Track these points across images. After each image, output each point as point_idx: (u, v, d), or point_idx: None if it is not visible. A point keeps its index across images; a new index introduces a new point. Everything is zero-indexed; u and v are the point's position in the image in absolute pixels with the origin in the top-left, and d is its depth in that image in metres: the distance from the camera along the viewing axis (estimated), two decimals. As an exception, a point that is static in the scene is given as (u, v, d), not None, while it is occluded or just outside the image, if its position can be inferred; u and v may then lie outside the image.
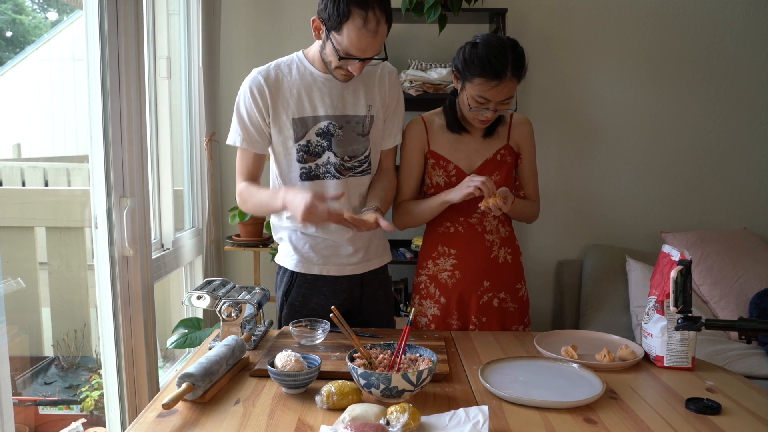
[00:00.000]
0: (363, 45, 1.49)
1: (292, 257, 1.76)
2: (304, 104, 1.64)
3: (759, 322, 1.22)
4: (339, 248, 1.74)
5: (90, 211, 1.78)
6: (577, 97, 3.02)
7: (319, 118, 1.64)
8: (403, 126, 1.82)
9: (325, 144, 1.66)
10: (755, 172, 3.05)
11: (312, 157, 1.66)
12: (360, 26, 1.46)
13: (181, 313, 2.65)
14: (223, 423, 1.15)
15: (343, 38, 1.48)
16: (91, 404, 2.34)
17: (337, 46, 1.50)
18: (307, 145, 1.65)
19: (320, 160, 1.67)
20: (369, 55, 1.52)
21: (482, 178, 1.63)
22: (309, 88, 1.64)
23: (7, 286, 2.24)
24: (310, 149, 1.66)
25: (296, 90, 1.63)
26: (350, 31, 1.47)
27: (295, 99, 1.63)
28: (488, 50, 1.60)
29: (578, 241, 3.11)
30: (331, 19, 1.48)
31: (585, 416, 1.19)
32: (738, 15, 2.96)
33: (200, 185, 2.69)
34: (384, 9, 1.49)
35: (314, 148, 1.66)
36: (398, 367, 1.28)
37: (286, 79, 1.63)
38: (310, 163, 1.66)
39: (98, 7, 1.69)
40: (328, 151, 1.67)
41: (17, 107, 4.06)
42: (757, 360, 2.34)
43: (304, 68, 1.65)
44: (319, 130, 1.65)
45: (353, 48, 1.49)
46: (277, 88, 1.63)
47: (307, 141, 1.65)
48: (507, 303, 1.82)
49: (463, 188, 1.66)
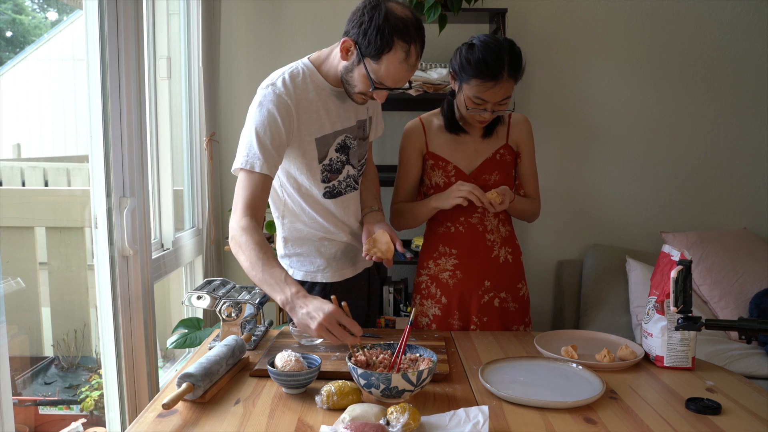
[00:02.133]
0: (399, 77, 1.45)
1: (321, 270, 1.70)
2: (324, 123, 1.57)
3: (759, 322, 1.22)
4: (357, 248, 1.73)
5: (90, 211, 1.78)
6: (577, 97, 3.02)
7: (337, 134, 1.60)
8: (382, 116, 1.81)
9: (344, 159, 1.63)
10: (755, 172, 3.05)
11: (334, 174, 1.62)
12: (401, 60, 1.42)
13: (181, 313, 2.65)
14: (223, 423, 1.15)
15: (380, 68, 1.43)
16: (91, 404, 2.34)
17: (372, 74, 1.44)
18: (330, 164, 1.60)
19: (341, 176, 1.63)
20: (400, 86, 1.49)
21: (469, 187, 1.65)
22: (326, 104, 1.57)
23: (7, 286, 2.24)
24: (332, 167, 1.61)
25: (315, 108, 1.55)
26: (390, 63, 1.42)
27: (315, 118, 1.55)
28: (484, 51, 1.60)
29: (578, 241, 3.11)
30: (370, 46, 1.41)
31: (585, 416, 1.19)
32: (738, 15, 2.96)
33: (200, 185, 2.69)
34: (423, 43, 1.46)
35: (335, 165, 1.61)
36: (398, 367, 1.28)
37: (303, 96, 1.53)
38: (333, 181, 1.62)
39: (98, 7, 1.69)
40: (347, 165, 1.65)
41: (17, 107, 4.05)
42: (757, 360, 2.34)
43: (317, 82, 1.56)
44: (337, 146, 1.61)
45: (389, 79, 1.44)
46: (298, 105, 1.52)
47: (329, 159, 1.60)
48: (508, 303, 1.83)
49: (452, 198, 1.68)
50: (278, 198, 1.68)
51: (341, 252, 1.71)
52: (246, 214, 1.44)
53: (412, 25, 1.42)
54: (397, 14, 1.41)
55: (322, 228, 1.67)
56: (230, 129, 2.98)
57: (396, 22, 1.40)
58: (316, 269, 1.70)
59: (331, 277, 1.70)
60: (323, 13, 2.94)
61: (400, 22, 1.40)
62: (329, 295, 1.63)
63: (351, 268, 1.74)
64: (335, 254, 1.70)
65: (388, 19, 1.40)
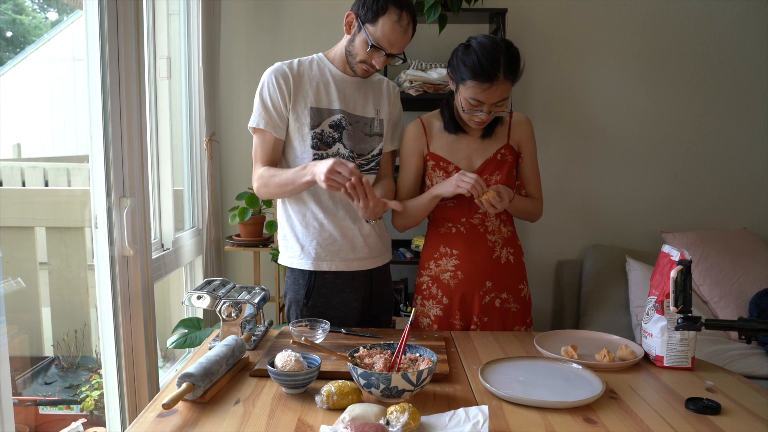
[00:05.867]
0: (393, 38, 1.64)
1: (304, 257, 1.79)
2: (322, 96, 1.75)
3: (759, 322, 1.22)
4: (342, 243, 1.78)
5: (90, 211, 1.78)
6: (577, 97, 3.02)
7: (333, 111, 1.75)
8: (401, 132, 1.89)
9: (336, 136, 1.75)
10: (755, 172, 3.05)
11: (324, 146, 1.75)
12: (395, 20, 1.63)
13: (181, 313, 2.65)
14: (223, 423, 1.15)
15: (377, 29, 1.64)
16: (91, 404, 2.34)
17: (370, 36, 1.64)
18: (321, 134, 1.74)
19: (331, 150, 1.75)
20: (395, 51, 1.67)
21: (473, 178, 1.64)
22: (327, 83, 1.76)
23: (7, 286, 2.24)
24: (323, 138, 1.75)
25: (315, 83, 1.75)
26: (385, 24, 1.63)
27: (314, 90, 1.75)
28: (480, 53, 1.60)
29: (578, 241, 3.11)
30: (367, 12, 1.64)
31: (585, 416, 1.19)
32: (738, 15, 2.96)
33: (200, 185, 2.69)
34: (413, 15, 1.67)
35: (327, 138, 1.75)
36: (398, 367, 1.28)
37: (306, 72, 1.76)
38: (323, 151, 1.75)
39: (98, 7, 1.69)
40: (338, 143, 1.76)
41: (17, 107, 4.05)
42: (757, 360, 2.34)
43: (323, 65, 1.78)
44: (332, 122, 1.75)
45: (384, 40, 1.64)
46: (299, 78, 1.74)
47: (321, 130, 1.74)
48: (509, 303, 1.82)
49: (454, 185, 1.67)
50: None
51: (318, 241, 1.77)
52: (262, 165, 1.75)
53: None
54: None
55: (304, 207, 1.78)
56: (230, 129, 2.98)
57: None
58: (292, 255, 1.80)
59: (303, 264, 1.78)
60: (323, 13, 2.94)
61: None
62: (315, 283, 1.78)
63: (327, 262, 1.78)
64: (311, 242, 1.77)
65: None
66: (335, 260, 1.78)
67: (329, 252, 1.77)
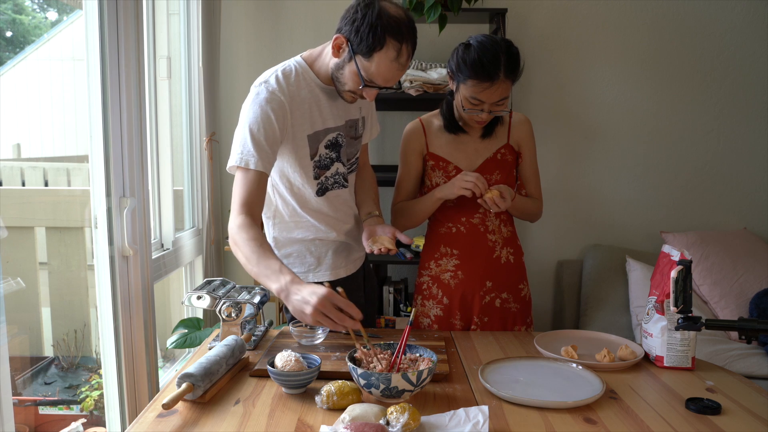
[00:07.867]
0: (389, 76, 1.45)
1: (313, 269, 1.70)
2: (316, 120, 1.57)
3: (759, 322, 1.22)
4: (351, 246, 1.74)
5: (90, 211, 1.78)
6: (577, 97, 3.02)
7: (329, 131, 1.60)
8: (377, 118, 1.81)
9: (333, 156, 1.63)
10: (755, 172, 3.05)
11: (322, 170, 1.62)
12: (392, 58, 1.42)
13: (181, 313, 2.65)
14: (223, 423, 1.15)
15: (371, 66, 1.43)
16: (91, 404, 2.34)
17: (363, 72, 1.44)
18: (320, 160, 1.61)
19: (329, 172, 1.63)
20: (390, 85, 1.49)
21: (475, 177, 1.64)
22: (318, 101, 1.57)
23: (7, 286, 2.24)
24: (321, 163, 1.61)
25: (307, 105, 1.56)
26: (381, 61, 1.42)
27: (307, 115, 1.56)
28: (480, 52, 1.60)
29: (578, 241, 3.11)
30: (361, 43, 1.41)
31: (585, 416, 1.19)
32: (738, 15, 2.96)
33: (200, 185, 2.69)
34: (414, 44, 1.46)
35: (324, 161, 1.62)
36: (398, 367, 1.28)
37: (296, 94, 1.54)
38: (321, 177, 1.62)
39: (98, 7, 1.69)
40: (337, 162, 1.64)
41: (17, 107, 4.05)
42: (757, 360, 2.34)
43: (309, 80, 1.56)
44: (327, 143, 1.61)
45: (379, 77, 1.45)
46: (293, 105, 1.53)
47: (319, 156, 1.60)
48: (509, 303, 1.82)
49: (457, 187, 1.67)
50: (269, 199, 1.67)
51: (333, 251, 1.71)
52: (242, 212, 1.45)
53: (404, 25, 1.42)
54: (390, 13, 1.41)
55: (313, 228, 1.67)
56: (230, 129, 2.96)
57: (389, 20, 1.40)
58: (307, 269, 1.70)
59: (322, 276, 1.70)
60: (323, 13, 2.94)
61: (393, 21, 1.41)
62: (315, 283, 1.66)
63: (344, 267, 1.73)
64: (326, 253, 1.70)
65: (381, 17, 1.40)
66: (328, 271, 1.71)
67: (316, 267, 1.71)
